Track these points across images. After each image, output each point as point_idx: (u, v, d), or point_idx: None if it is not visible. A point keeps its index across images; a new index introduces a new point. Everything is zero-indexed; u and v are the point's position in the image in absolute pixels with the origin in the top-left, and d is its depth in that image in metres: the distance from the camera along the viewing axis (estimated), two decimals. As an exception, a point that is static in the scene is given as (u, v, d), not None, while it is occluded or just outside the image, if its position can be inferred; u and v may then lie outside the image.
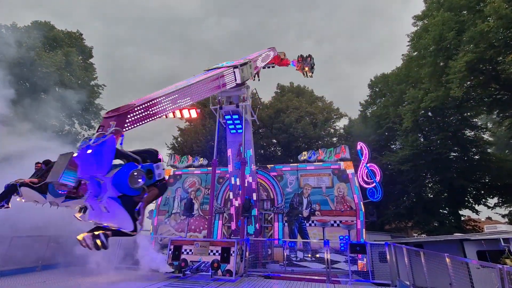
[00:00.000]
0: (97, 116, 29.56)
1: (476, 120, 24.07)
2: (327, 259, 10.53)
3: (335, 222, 14.63)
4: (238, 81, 10.19)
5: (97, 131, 4.57)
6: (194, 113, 13.00)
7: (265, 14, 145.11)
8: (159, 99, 6.40)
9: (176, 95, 6.97)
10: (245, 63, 10.75)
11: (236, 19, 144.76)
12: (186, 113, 12.99)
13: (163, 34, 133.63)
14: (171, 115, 12.12)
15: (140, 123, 5.89)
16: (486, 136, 24.45)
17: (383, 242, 10.73)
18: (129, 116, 5.47)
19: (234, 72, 9.93)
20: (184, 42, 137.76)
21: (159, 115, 6.40)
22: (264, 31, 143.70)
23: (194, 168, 18.58)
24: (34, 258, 10.61)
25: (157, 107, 6.33)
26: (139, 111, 5.77)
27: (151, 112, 6.11)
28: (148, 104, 6.04)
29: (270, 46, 14.91)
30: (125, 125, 5.27)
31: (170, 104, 6.75)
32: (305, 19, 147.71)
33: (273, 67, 16.20)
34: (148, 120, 6.08)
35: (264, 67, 14.88)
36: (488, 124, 25.21)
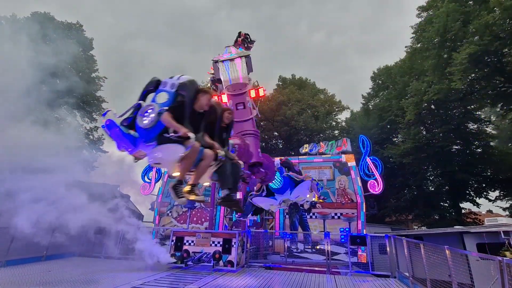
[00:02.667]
0: (98, 109, 29.53)
1: (479, 113, 23.83)
2: (328, 250, 10.64)
3: (335, 214, 14.72)
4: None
5: None
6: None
7: (277, 6, 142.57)
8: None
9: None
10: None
11: (247, 12, 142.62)
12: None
13: (172, 27, 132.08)
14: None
15: None
16: (489, 129, 24.27)
17: (383, 235, 10.81)
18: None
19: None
20: (194, 36, 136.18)
21: None
22: (275, 23, 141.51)
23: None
24: (39, 248, 10.80)
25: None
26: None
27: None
28: None
29: (281, 39, 14.59)
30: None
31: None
32: (317, 11, 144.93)
33: None
34: None
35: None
36: (492, 117, 24.98)
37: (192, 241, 10.65)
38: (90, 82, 27.71)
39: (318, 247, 13.90)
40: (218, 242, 10.35)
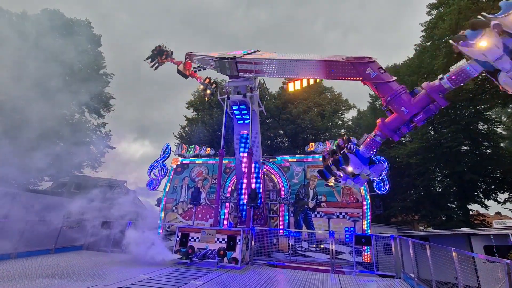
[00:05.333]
0: (106, 105, 29.90)
1: (489, 113, 23.37)
2: (332, 249, 10.62)
3: (340, 213, 14.66)
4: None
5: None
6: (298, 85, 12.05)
7: (294, 4, 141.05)
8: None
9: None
10: (224, 58, 11.13)
11: (264, 11, 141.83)
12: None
13: (189, 26, 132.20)
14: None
15: None
16: (499, 130, 23.79)
17: (389, 235, 10.73)
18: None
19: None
20: (211, 35, 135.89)
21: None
22: (291, 22, 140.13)
23: (201, 158, 18.76)
24: (48, 241, 11.05)
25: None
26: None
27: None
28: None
29: (297, 38, 14.89)
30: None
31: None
32: (334, 10, 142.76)
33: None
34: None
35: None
36: (502, 118, 24.49)
37: (197, 238, 10.75)
38: (97, 79, 28.05)
39: (322, 246, 13.89)
40: (223, 239, 10.42)
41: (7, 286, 6.14)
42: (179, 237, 10.90)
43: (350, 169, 6.27)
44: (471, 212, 23.93)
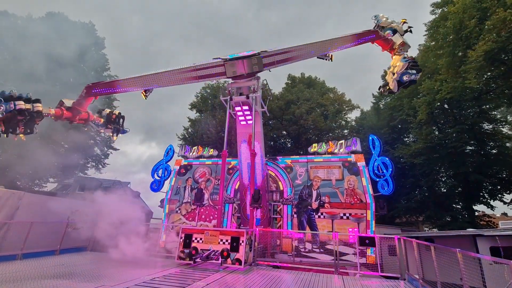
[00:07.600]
0: (109, 107, 30.08)
1: (495, 112, 23.13)
2: (336, 251, 10.57)
3: (344, 214, 14.59)
4: (229, 75, 11.83)
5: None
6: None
7: (304, 5, 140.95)
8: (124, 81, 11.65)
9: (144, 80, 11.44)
10: (253, 55, 11.03)
11: (275, 12, 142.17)
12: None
13: (200, 28, 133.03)
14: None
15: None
16: (505, 130, 23.52)
17: (393, 236, 10.65)
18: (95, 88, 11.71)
19: (224, 65, 11.39)
20: (221, 36, 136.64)
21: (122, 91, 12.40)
22: (302, 23, 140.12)
23: (204, 159, 18.80)
24: (53, 242, 11.14)
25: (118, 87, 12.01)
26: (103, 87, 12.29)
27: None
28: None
29: (307, 38, 14.93)
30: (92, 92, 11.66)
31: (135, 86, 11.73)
32: (346, 11, 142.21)
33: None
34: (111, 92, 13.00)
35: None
36: (508, 117, 24.22)
37: (201, 239, 10.76)
38: (101, 80, 28.26)
39: (326, 247, 13.82)
40: (226, 240, 10.42)
41: (13, 286, 6.20)
42: (183, 238, 10.92)
43: None
44: (476, 213, 23.68)
